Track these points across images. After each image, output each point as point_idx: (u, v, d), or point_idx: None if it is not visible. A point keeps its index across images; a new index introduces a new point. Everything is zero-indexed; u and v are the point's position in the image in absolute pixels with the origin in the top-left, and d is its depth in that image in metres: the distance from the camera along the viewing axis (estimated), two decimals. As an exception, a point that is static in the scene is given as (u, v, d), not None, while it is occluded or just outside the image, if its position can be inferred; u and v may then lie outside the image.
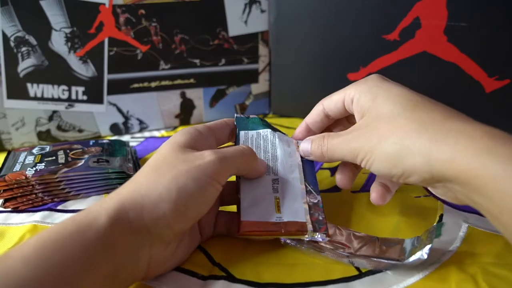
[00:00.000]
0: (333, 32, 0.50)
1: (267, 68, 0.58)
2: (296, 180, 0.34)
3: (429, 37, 0.47)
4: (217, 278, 0.31)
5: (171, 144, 0.31)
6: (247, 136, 0.37)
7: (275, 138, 0.37)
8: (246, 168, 0.33)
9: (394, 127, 0.29)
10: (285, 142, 0.37)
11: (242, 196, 0.33)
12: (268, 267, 0.32)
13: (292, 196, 0.33)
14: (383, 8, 0.47)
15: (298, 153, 0.36)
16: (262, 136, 0.37)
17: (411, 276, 0.30)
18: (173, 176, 0.28)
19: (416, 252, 0.29)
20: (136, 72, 0.53)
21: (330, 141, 0.33)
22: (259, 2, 0.53)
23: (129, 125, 0.56)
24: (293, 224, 0.32)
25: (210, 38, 0.54)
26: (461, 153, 0.25)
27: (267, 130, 0.37)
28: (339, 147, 0.32)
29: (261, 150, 0.36)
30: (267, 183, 0.34)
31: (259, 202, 0.32)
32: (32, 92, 0.50)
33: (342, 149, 0.32)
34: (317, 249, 0.32)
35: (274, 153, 0.36)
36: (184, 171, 0.28)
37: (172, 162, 0.29)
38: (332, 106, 0.35)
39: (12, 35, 0.47)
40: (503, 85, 0.47)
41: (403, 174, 0.29)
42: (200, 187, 0.28)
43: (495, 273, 0.30)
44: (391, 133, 0.29)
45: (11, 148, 0.51)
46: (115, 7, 0.49)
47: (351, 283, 0.31)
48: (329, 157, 0.34)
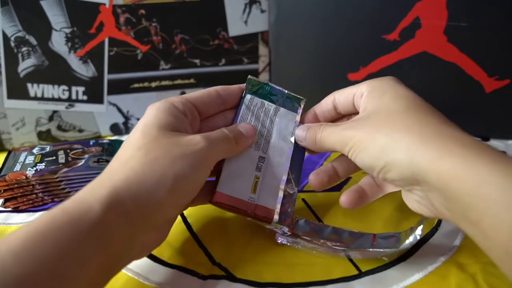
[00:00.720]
0: (333, 32, 0.50)
1: (267, 68, 0.58)
2: (281, 165, 0.34)
3: (429, 37, 0.47)
4: (217, 278, 0.31)
5: (157, 126, 0.29)
6: (252, 102, 0.36)
7: (276, 115, 0.36)
8: (230, 153, 0.33)
9: (390, 120, 0.29)
10: (284, 122, 0.36)
11: (225, 167, 0.33)
12: (268, 266, 0.32)
13: (272, 180, 0.33)
14: (383, 8, 0.47)
15: (293, 138, 0.36)
16: (265, 108, 0.36)
17: (410, 276, 0.31)
18: (169, 162, 0.27)
19: (409, 237, 0.30)
20: (136, 72, 0.53)
21: (325, 129, 0.33)
22: (259, 2, 0.53)
23: (130, 125, 0.56)
24: (262, 209, 0.32)
25: (210, 38, 0.54)
26: (447, 156, 0.25)
27: (272, 105, 0.37)
28: (332, 135, 0.32)
29: (259, 122, 0.35)
30: (253, 159, 0.33)
31: (239, 177, 0.32)
32: (32, 92, 0.50)
33: (334, 138, 0.32)
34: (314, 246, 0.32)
35: (270, 130, 0.35)
36: (179, 156, 0.28)
37: (165, 146, 0.28)
38: (342, 98, 0.35)
39: (13, 35, 0.47)
40: (503, 85, 0.47)
41: (384, 167, 0.28)
42: (195, 172, 0.28)
43: (495, 273, 0.30)
44: (385, 125, 0.29)
45: (12, 148, 0.51)
46: (115, 7, 0.49)
47: (351, 283, 0.31)
48: (320, 144, 0.34)
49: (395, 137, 0.28)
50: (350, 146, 0.31)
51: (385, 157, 0.28)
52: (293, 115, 0.37)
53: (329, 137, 0.33)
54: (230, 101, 0.36)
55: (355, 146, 0.30)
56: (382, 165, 0.28)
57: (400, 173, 0.28)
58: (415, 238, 0.29)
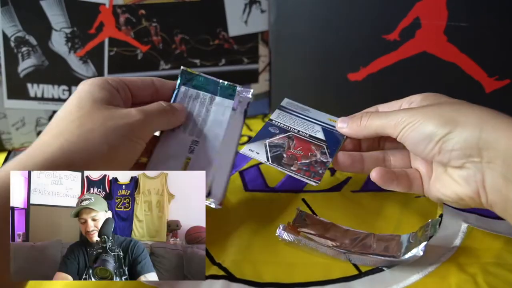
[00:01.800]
0: (333, 32, 0.50)
1: (267, 68, 0.58)
2: (215, 148, 0.36)
3: (429, 37, 0.47)
4: (217, 278, 0.31)
5: (91, 100, 0.30)
6: (186, 94, 0.38)
7: (212, 104, 0.38)
8: (167, 125, 0.34)
9: (448, 102, 0.32)
10: (221, 110, 0.38)
11: (157, 149, 0.34)
12: (268, 266, 0.32)
13: (204, 161, 0.35)
14: (383, 8, 0.47)
15: (229, 122, 0.37)
16: (200, 98, 0.38)
17: (410, 276, 0.31)
18: (104, 133, 0.28)
19: (412, 249, 0.30)
20: (136, 72, 0.53)
21: (371, 115, 0.34)
22: (259, 2, 0.53)
23: (129, 125, 0.56)
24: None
25: (210, 38, 0.54)
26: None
27: (207, 95, 0.38)
28: (380, 118, 0.33)
29: (194, 112, 0.37)
30: (186, 142, 0.35)
31: (169, 158, 0.34)
32: (32, 92, 0.50)
33: (382, 120, 0.33)
34: (315, 246, 0.32)
35: (205, 118, 0.37)
36: (113, 128, 0.28)
37: (99, 118, 0.29)
38: (386, 107, 0.37)
39: (13, 35, 0.47)
40: (503, 85, 0.47)
41: (447, 134, 0.29)
42: (130, 144, 0.29)
43: (495, 273, 0.30)
44: (447, 104, 0.31)
45: (12, 148, 0.51)
46: (115, 7, 0.49)
47: (351, 283, 0.31)
48: (365, 128, 0.34)
49: (462, 110, 0.30)
50: (404, 124, 0.31)
51: (452, 124, 0.29)
52: (229, 102, 0.38)
53: (376, 119, 0.34)
54: (164, 94, 0.37)
55: (412, 123, 0.31)
56: (446, 132, 0.29)
57: (464, 140, 0.28)
58: (418, 253, 0.29)
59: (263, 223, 0.37)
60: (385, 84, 0.50)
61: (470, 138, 0.28)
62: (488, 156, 0.28)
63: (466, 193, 0.30)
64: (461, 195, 0.30)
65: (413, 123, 0.31)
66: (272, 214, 0.38)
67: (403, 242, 0.32)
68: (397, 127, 0.32)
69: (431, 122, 0.30)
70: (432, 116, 0.30)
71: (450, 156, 0.30)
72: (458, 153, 0.29)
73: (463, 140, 0.29)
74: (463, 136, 0.29)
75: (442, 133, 0.29)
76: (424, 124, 0.30)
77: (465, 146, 0.29)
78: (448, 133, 0.29)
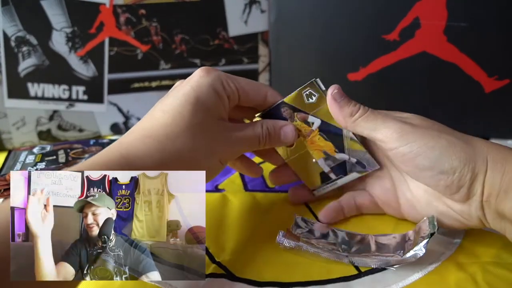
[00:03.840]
0: (333, 32, 0.50)
1: (267, 68, 0.58)
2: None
3: (429, 37, 0.47)
4: (217, 277, 0.31)
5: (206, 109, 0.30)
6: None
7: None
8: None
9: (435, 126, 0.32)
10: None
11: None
12: (268, 265, 0.32)
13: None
14: (383, 8, 0.47)
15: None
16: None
17: (410, 275, 0.31)
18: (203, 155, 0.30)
19: (414, 247, 0.30)
20: (137, 72, 0.53)
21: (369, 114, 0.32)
22: (259, 2, 0.53)
23: (130, 124, 0.56)
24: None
25: (210, 38, 0.54)
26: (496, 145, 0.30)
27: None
28: (390, 120, 0.31)
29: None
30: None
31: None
32: (32, 91, 0.50)
33: (393, 124, 0.31)
34: (316, 251, 0.32)
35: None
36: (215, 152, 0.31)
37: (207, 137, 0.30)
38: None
39: (13, 35, 0.47)
40: (503, 85, 0.47)
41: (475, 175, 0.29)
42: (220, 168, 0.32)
43: (495, 273, 0.30)
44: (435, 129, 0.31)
45: (12, 147, 0.51)
46: (116, 7, 0.49)
47: (351, 283, 0.31)
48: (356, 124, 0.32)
49: (476, 145, 0.29)
50: (408, 140, 0.30)
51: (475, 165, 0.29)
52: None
53: (386, 120, 0.31)
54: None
55: (425, 146, 0.30)
56: (471, 173, 0.29)
57: (491, 184, 0.28)
58: (421, 251, 0.29)
59: (263, 223, 0.37)
60: (385, 84, 0.50)
61: (494, 181, 0.28)
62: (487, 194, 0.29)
63: (469, 223, 0.31)
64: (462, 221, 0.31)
65: (427, 146, 0.29)
66: (272, 214, 0.38)
67: (403, 241, 0.32)
68: (399, 141, 0.30)
69: (452, 156, 0.29)
70: (450, 147, 0.29)
71: (461, 193, 0.30)
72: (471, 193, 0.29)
73: (490, 184, 0.28)
74: (489, 182, 0.28)
75: (466, 172, 0.29)
76: (441, 155, 0.29)
77: (488, 188, 0.29)
78: (476, 174, 0.29)
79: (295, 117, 0.35)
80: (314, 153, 0.36)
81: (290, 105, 0.35)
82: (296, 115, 0.35)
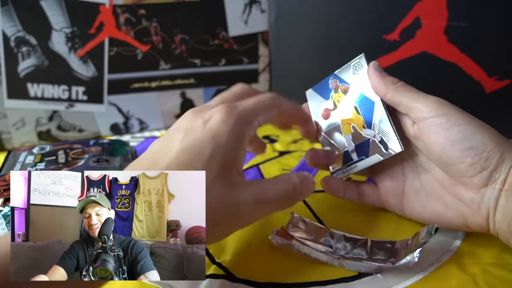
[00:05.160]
0: (333, 32, 0.50)
1: (267, 68, 0.58)
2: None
3: (429, 37, 0.47)
4: (217, 277, 0.31)
5: (222, 165, 0.27)
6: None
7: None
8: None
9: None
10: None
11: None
12: (268, 266, 0.32)
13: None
14: (383, 8, 0.47)
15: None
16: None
17: (411, 276, 0.30)
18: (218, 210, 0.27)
19: (407, 256, 0.29)
20: (136, 72, 0.53)
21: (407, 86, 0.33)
22: (259, 2, 0.53)
23: (129, 125, 0.56)
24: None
25: (210, 38, 0.54)
26: None
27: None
28: (430, 97, 0.32)
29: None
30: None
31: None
32: (32, 92, 0.50)
33: (433, 99, 0.32)
34: (308, 252, 0.32)
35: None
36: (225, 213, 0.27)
37: (216, 196, 0.27)
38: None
39: (13, 35, 0.47)
40: (503, 86, 0.47)
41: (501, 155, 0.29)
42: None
43: (495, 273, 0.30)
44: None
45: (12, 148, 0.51)
46: (115, 7, 0.49)
47: (351, 283, 0.31)
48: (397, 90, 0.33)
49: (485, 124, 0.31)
50: (448, 111, 0.31)
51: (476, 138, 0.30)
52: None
53: (424, 93, 0.32)
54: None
55: (462, 119, 0.30)
56: (500, 153, 0.29)
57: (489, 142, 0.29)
58: (413, 259, 0.29)
59: (263, 223, 0.37)
60: (385, 84, 0.50)
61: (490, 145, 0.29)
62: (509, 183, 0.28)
63: (474, 219, 0.30)
64: (466, 217, 0.31)
65: (464, 120, 0.30)
66: (273, 215, 0.38)
67: (398, 248, 0.32)
68: (438, 111, 0.31)
69: (486, 134, 0.30)
70: (485, 127, 0.30)
71: (482, 176, 0.29)
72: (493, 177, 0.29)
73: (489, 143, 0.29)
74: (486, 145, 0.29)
75: (494, 154, 0.29)
76: (476, 131, 0.30)
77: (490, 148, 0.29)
78: (503, 159, 0.29)
79: (339, 89, 0.37)
80: (344, 128, 0.37)
81: (339, 77, 0.38)
82: (340, 87, 0.37)
